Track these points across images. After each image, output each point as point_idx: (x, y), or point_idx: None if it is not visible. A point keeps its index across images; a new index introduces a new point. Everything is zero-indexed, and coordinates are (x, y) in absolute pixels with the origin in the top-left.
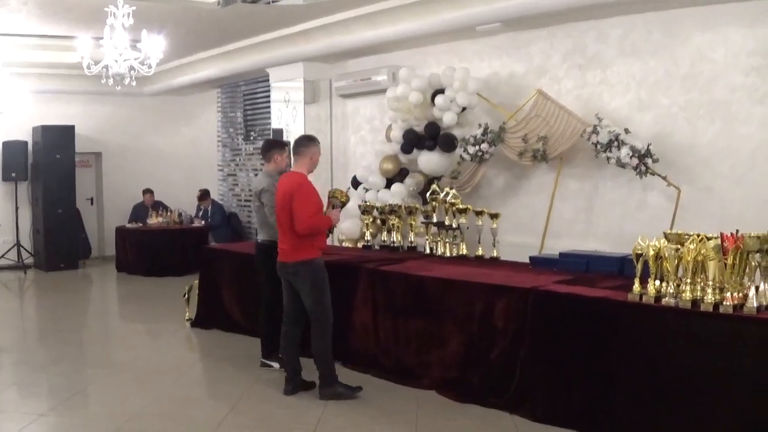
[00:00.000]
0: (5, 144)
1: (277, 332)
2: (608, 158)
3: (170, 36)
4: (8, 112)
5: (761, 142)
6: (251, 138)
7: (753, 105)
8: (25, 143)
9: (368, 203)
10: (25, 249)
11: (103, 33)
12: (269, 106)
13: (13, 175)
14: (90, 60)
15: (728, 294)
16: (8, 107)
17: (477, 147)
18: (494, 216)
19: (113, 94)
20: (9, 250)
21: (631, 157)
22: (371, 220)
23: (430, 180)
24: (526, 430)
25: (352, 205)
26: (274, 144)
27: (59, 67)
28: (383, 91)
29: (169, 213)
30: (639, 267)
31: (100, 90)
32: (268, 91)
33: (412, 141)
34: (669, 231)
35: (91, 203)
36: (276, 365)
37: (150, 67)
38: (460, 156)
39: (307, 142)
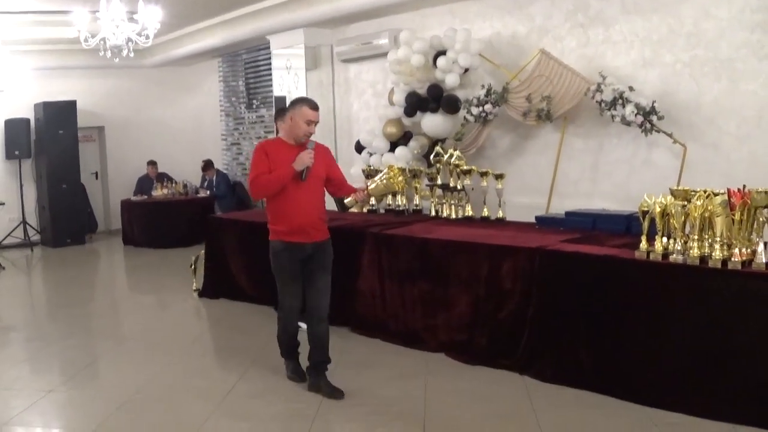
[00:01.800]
0: (7, 122)
1: None
2: (613, 116)
3: (168, 6)
4: (9, 90)
5: (766, 99)
6: (254, 106)
7: (758, 62)
8: (28, 120)
9: (372, 167)
10: (31, 226)
11: (100, 6)
12: (271, 74)
13: (17, 152)
14: (87, 33)
15: (736, 250)
16: (9, 85)
17: (480, 108)
18: (499, 177)
19: (114, 68)
20: (15, 228)
21: (636, 115)
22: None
23: (434, 142)
24: (536, 391)
25: (356, 170)
26: (279, 110)
27: (58, 43)
28: (385, 54)
29: (174, 184)
30: (646, 224)
31: (100, 64)
32: (269, 58)
33: (415, 104)
34: (675, 188)
35: (96, 178)
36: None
37: (148, 38)
38: (464, 117)
39: (288, 105)
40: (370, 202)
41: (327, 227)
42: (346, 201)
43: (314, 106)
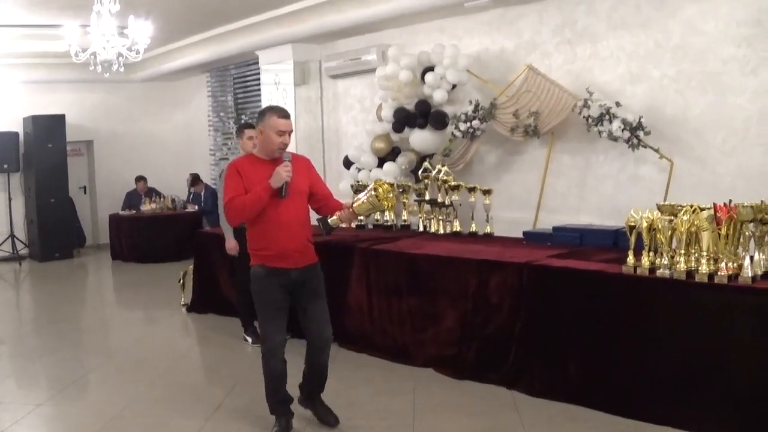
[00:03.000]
0: None
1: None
2: (600, 132)
3: (158, 21)
4: None
5: (753, 113)
6: (242, 121)
7: (744, 76)
8: (16, 134)
9: (360, 182)
10: (20, 240)
11: (90, 20)
12: (259, 89)
13: (5, 166)
14: (78, 48)
15: (723, 264)
16: None
17: (468, 124)
18: (487, 192)
19: (103, 82)
20: (3, 241)
21: (622, 130)
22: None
23: (422, 158)
24: (524, 405)
25: (344, 186)
26: (239, 127)
27: (48, 57)
28: (373, 70)
29: (162, 199)
30: (633, 239)
31: (89, 78)
32: (258, 73)
33: (403, 119)
34: (662, 203)
35: (84, 192)
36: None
37: (138, 52)
38: (452, 133)
39: (257, 118)
40: (358, 219)
41: (314, 249)
42: (330, 220)
43: (284, 114)
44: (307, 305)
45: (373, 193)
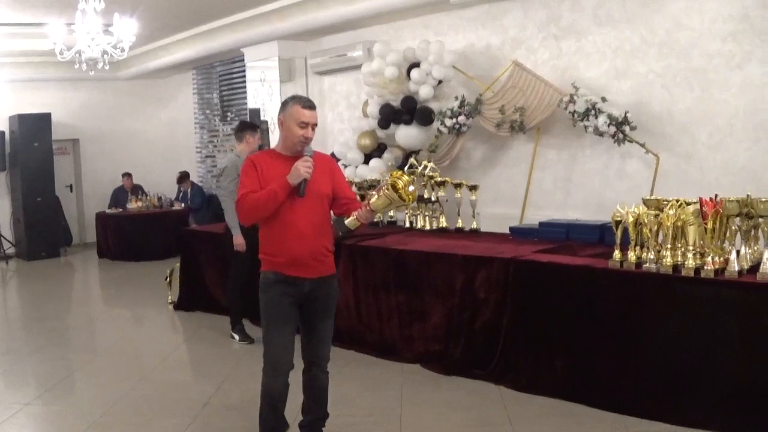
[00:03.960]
0: None
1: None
2: (586, 127)
3: (143, 19)
4: None
5: (739, 108)
6: (228, 119)
7: (730, 71)
8: (2, 133)
9: (346, 179)
10: (6, 239)
11: (75, 18)
12: (245, 86)
13: None
14: (63, 46)
15: (709, 258)
16: None
17: (454, 120)
18: (473, 188)
19: (88, 80)
20: None
21: (608, 125)
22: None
23: (408, 154)
24: (512, 400)
25: None
26: (247, 125)
27: (33, 55)
28: (359, 66)
29: (148, 197)
30: (619, 234)
31: (75, 76)
32: (244, 70)
33: (389, 116)
34: (648, 197)
35: (71, 190)
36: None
37: (123, 50)
38: (438, 129)
39: (280, 108)
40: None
41: (332, 259)
42: (347, 221)
43: (309, 104)
44: (317, 323)
45: (389, 185)
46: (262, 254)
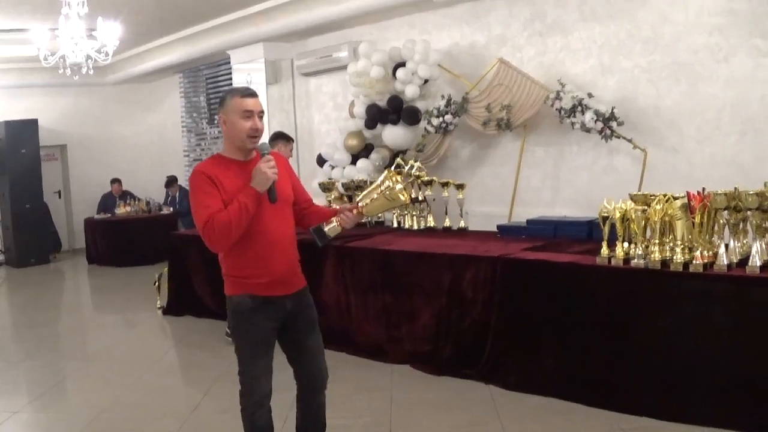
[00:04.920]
0: None
1: None
2: (573, 123)
3: (128, 23)
4: None
5: (726, 101)
6: (215, 122)
7: (717, 64)
8: None
9: (331, 180)
10: None
11: (59, 23)
12: None
13: None
14: (47, 51)
15: (698, 253)
16: None
17: (441, 119)
18: (460, 187)
19: (75, 86)
20: None
21: (595, 121)
22: (334, 196)
23: (396, 154)
24: (502, 399)
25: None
26: (282, 135)
27: (18, 61)
28: (345, 67)
29: (137, 202)
30: (606, 230)
31: (61, 82)
32: (230, 73)
33: (376, 116)
34: (635, 192)
35: (59, 196)
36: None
37: (107, 55)
38: (425, 128)
39: (218, 105)
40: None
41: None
42: (327, 228)
43: (249, 93)
44: (306, 339)
45: (389, 185)
46: (232, 276)
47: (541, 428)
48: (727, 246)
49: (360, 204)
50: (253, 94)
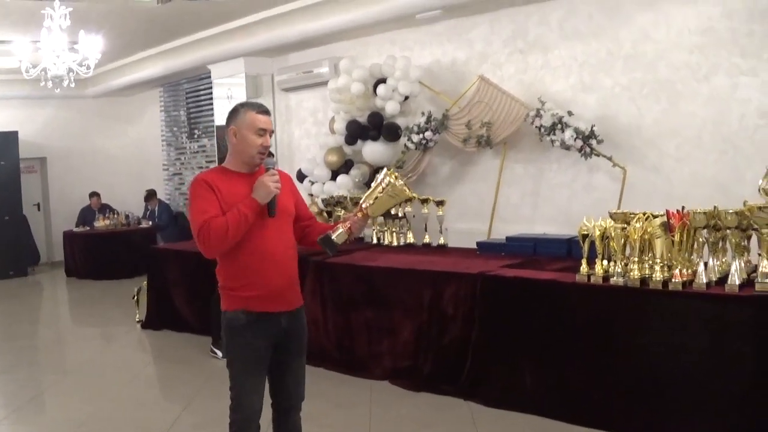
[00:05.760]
0: None
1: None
2: (552, 141)
3: (109, 36)
4: None
5: (706, 120)
6: (195, 136)
7: (697, 83)
8: None
9: (311, 195)
10: None
11: (41, 36)
12: (212, 103)
13: None
14: (28, 63)
15: (677, 271)
16: None
17: (421, 135)
18: (440, 203)
19: (55, 98)
20: None
21: (575, 139)
22: (315, 212)
23: (376, 170)
24: (481, 416)
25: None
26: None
27: None
28: (325, 83)
29: (116, 215)
30: (586, 247)
31: (42, 94)
32: (211, 87)
33: (356, 132)
34: (614, 210)
35: (38, 209)
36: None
37: (89, 68)
38: (405, 145)
39: (227, 117)
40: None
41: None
42: (335, 236)
43: (264, 110)
44: (292, 362)
45: (390, 181)
46: (227, 288)
47: None
48: (706, 264)
49: (364, 206)
50: (267, 112)
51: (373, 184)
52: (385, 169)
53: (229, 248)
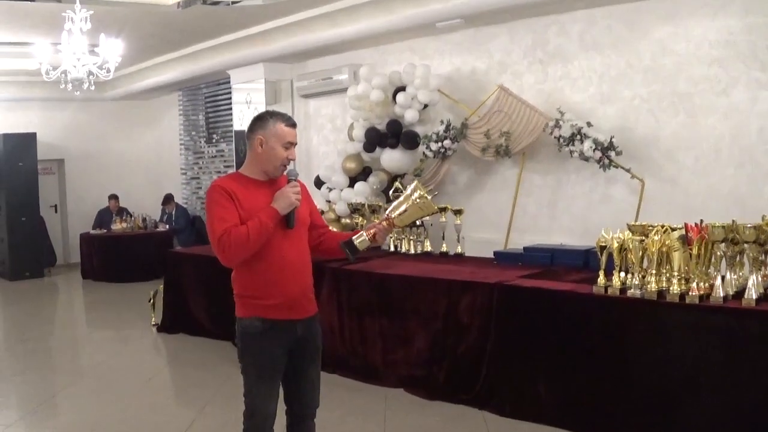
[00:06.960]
0: None
1: None
2: (571, 152)
3: (129, 39)
4: None
5: (724, 133)
6: (213, 141)
7: (716, 96)
8: None
9: (330, 202)
10: None
11: (61, 38)
12: (231, 108)
13: None
14: (48, 66)
15: (694, 284)
16: None
17: (440, 144)
18: (458, 212)
19: (75, 101)
20: None
21: (594, 150)
22: (334, 218)
23: (394, 178)
24: (495, 426)
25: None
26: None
27: (18, 75)
28: (344, 90)
29: (133, 218)
30: (603, 259)
31: (61, 96)
32: (230, 93)
33: (375, 139)
34: (633, 223)
35: (55, 210)
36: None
37: (109, 71)
38: (423, 153)
39: (252, 124)
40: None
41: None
42: (357, 242)
43: (292, 123)
44: (306, 368)
45: (421, 194)
46: (243, 296)
47: None
48: (723, 278)
49: (392, 215)
50: (295, 125)
51: (401, 196)
52: (415, 182)
53: (248, 256)
